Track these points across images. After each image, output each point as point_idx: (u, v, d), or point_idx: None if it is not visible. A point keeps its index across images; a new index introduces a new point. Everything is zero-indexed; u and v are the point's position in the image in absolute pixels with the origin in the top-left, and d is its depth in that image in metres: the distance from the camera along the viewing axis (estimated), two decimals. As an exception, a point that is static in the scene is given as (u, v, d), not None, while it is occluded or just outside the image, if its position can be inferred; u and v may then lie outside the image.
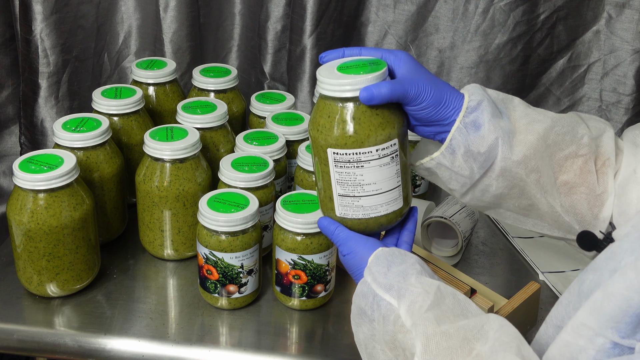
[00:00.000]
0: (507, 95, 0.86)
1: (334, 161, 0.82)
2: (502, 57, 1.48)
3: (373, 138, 0.80)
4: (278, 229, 1.05)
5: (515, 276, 1.21)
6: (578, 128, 0.85)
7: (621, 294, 0.59)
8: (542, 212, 0.86)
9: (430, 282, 0.76)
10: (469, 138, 0.82)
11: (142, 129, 1.23)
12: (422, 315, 0.72)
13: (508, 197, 0.86)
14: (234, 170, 1.11)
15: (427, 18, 1.50)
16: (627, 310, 0.58)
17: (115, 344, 1.02)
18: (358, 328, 0.81)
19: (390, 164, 0.82)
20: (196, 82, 1.34)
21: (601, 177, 0.84)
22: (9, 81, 1.52)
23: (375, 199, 0.83)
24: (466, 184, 0.85)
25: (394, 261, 0.80)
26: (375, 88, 0.79)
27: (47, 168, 1.01)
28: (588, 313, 0.62)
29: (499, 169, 0.83)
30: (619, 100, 1.50)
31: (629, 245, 0.63)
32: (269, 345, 1.02)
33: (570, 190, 0.84)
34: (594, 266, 0.66)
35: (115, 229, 1.21)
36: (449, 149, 0.83)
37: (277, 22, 1.51)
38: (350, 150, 0.81)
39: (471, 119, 0.82)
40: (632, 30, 1.44)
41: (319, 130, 0.82)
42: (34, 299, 1.08)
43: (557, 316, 0.69)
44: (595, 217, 0.85)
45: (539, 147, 0.83)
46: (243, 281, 1.05)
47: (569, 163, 0.84)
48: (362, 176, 0.82)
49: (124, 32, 1.52)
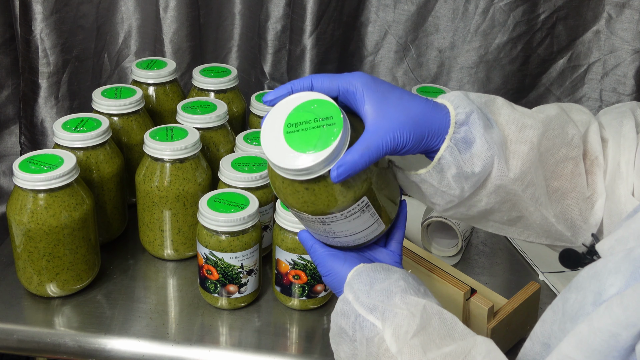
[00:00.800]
0: (488, 97, 0.77)
1: (298, 216, 0.74)
2: (502, 57, 1.48)
3: (334, 206, 0.70)
4: (278, 229, 1.05)
5: (515, 276, 1.21)
6: (567, 128, 0.77)
7: (608, 330, 0.56)
8: (530, 222, 0.80)
9: (416, 302, 0.71)
10: (460, 158, 0.72)
11: (142, 129, 1.23)
12: (408, 342, 0.69)
13: (497, 211, 0.78)
14: (234, 170, 1.11)
15: (427, 18, 1.50)
16: (614, 345, 0.56)
17: (115, 344, 1.02)
18: (338, 346, 0.77)
19: (361, 215, 0.72)
20: (196, 82, 1.34)
21: (590, 178, 0.79)
22: (9, 81, 1.52)
23: (351, 239, 0.76)
24: (453, 201, 0.76)
25: (376, 277, 0.74)
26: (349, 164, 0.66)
27: (47, 168, 1.01)
28: (574, 347, 0.58)
29: (493, 186, 0.74)
30: (619, 100, 1.50)
31: (613, 265, 0.59)
32: (269, 345, 1.03)
33: (562, 197, 0.78)
34: (576, 284, 0.62)
35: (115, 229, 1.21)
36: (437, 168, 0.73)
37: (277, 22, 1.51)
38: (311, 216, 0.71)
39: (461, 134, 0.72)
40: (632, 30, 1.44)
41: (276, 189, 0.72)
42: (34, 299, 1.08)
43: (542, 333, 0.66)
44: (585, 221, 0.79)
45: (533, 158, 0.75)
46: (243, 281, 1.05)
47: (560, 168, 0.77)
48: (331, 227, 0.73)
49: (124, 32, 1.52)
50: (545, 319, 0.65)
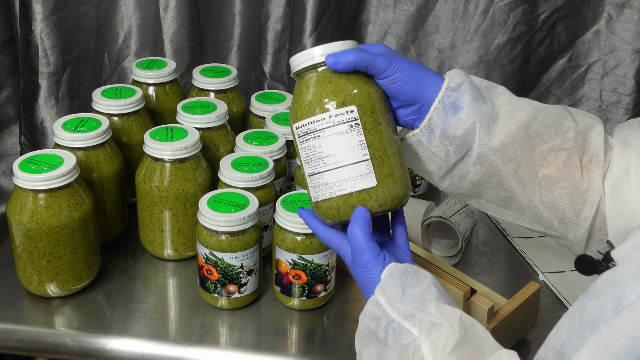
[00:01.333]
0: (491, 83, 0.84)
1: (298, 137, 0.82)
2: (502, 57, 1.48)
3: (325, 104, 0.79)
4: (278, 229, 1.05)
5: (515, 276, 1.21)
6: (564, 121, 0.82)
7: (629, 333, 0.56)
8: (521, 205, 0.84)
9: (452, 312, 0.74)
10: (446, 120, 0.80)
11: (142, 129, 1.23)
12: (445, 357, 0.70)
13: (487, 185, 0.83)
14: (234, 170, 1.11)
15: (427, 18, 1.50)
16: (634, 350, 0.56)
17: (115, 344, 1.02)
18: (363, 348, 0.78)
19: (349, 133, 0.79)
20: (196, 82, 1.34)
21: (586, 174, 0.82)
22: (9, 81, 1.52)
23: (338, 173, 0.80)
24: (442, 167, 0.83)
25: (408, 282, 0.77)
26: (342, 54, 0.78)
27: (47, 168, 1.01)
28: (593, 351, 0.59)
29: (476, 154, 0.81)
30: (619, 100, 1.50)
31: (632, 272, 0.60)
32: (269, 345, 1.03)
33: (552, 185, 0.82)
34: (595, 292, 0.63)
35: (115, 229, 1.21)
36: (428, 127, 0.81)
37: (277, 22, 1.51)
38: (306, 120, 0.80)
39: (451, 99, 0.80)
40: (632, 30, 1.44)
41: (289, 114, 0.84)
42: (34, 299, 1.08)
43: (557, 341, 0.67)
44: (576, 214, 0.82)
45: (518, 136, 0.80)
46: (243, 281, 1.05)
47: (552, 156, 0.81)
48: (321, 147, 0.80)
49: (124, 32, 1.52)
50: (561, 326, 0.66)
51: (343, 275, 1.14)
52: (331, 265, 1.07)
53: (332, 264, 1.07)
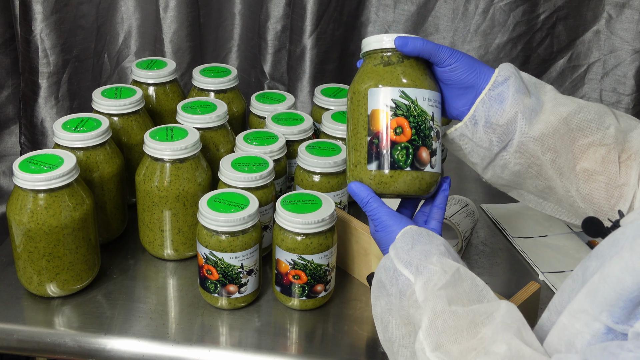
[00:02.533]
0: (539, 80, 0.89)
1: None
2: (502, 57, 1.48)
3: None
4: (278, 229, 1.05)
5: (515, 276, 1.21)
6: (605, 118, 0.85)
7: (615, 276, 0.59)
8: (559, 196, 0.87)
9: (451, 264, 0.77)
10: (491, 110, 0.85)
11: (142, 129, 1.23)
12: (434, 292, 0.73)
13: (526, 175, 0.87)
14: (234, 170, 1.11)
15: (427, 18, 1.50)
16: (621, 293, 0.58)
17: (115, 344, 1.02)
18: (377, 301, 0.81)
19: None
20: (196, 82, 1.34)
21: (624, 169, 0.84)
22: (9, 81, 1.52)
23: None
24: (486, 157, 0.87)
25: (419, 240, 0.81)
26: (412, 39, 0.85)
27: (47, 168, 1.01)
28: (584, 296, 0.62)
29: (516, 143, 0.85)
30: (619, 100, 1.50)
31: (630, 232, 0.63)
32: (269, 345, 1.03)
33: (590, 178, 0.85)
34: (597, 253, 0.66)
35: (115, 229, 1.21)
36: (472, 120, 0.86)
37: (277, 22, 1.51)
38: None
39: (497, 92, 0.85)
40: (632, 30, 1.45)
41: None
42: (34, 299, 1.08)
43: (560, 302, 0.69)
44: (611, 208, 0.85)
45: (559, 128, 0.84)
46: (243, 281, 1.05)
47: (592, 151, 0.84)
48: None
49: (124, 32, 1.52)
50: (564, 288, 0.69)
51: (343, 275, 1.14)
52: (331, 266, 1.07)
53: (332, 264, 1.07)
